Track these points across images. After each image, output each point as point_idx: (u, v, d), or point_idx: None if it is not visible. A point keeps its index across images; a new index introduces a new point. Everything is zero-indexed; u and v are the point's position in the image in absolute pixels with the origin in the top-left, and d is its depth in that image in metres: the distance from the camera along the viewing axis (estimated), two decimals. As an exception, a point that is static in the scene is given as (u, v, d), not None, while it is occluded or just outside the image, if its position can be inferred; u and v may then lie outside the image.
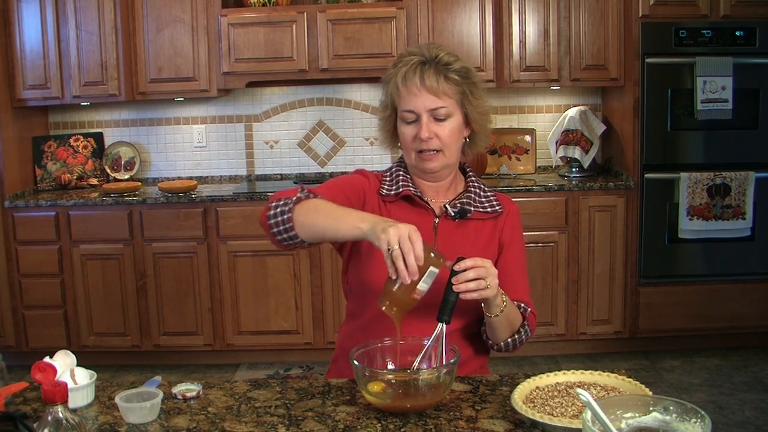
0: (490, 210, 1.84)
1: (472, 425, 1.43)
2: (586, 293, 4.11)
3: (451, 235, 1.79)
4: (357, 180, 1.86)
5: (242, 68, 4.14)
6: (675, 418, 1.14)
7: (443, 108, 1.75)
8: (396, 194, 1.81)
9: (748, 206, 4.00)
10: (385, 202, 1.83)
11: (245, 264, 4.07)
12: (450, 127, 1.77)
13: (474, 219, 1.82)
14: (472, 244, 1.79)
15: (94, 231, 4.07)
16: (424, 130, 1.74)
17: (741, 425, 3.26)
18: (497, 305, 1.64)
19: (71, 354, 1.65)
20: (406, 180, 1.84)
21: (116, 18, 4.11)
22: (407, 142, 1.79)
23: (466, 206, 1.81)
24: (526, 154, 4.51)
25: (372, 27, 4.08)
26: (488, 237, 1.82)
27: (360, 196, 1.82)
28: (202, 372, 4.13)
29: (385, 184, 1.85)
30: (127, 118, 4.62)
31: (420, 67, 1.75)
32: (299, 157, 4.64)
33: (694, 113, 3.94)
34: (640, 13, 3.95)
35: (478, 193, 1.86)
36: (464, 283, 1.52)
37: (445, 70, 1.76)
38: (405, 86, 1.75)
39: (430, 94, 1.74)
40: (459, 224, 1.81)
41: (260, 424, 1.47)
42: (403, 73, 1.76)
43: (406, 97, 1.75)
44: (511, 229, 1.87)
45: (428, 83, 1.73)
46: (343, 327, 1.92)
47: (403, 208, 1.82)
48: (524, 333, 1.78)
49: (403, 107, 1.77)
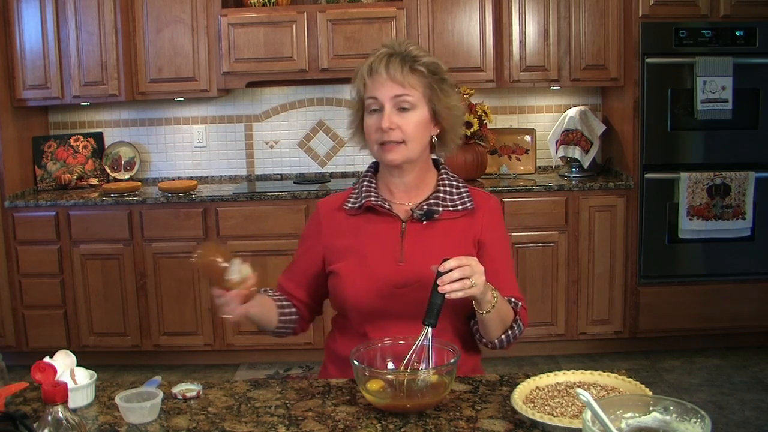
0: (461, 208, 1.81)
1: (472, 425, 1.43)
2: (586, 293, 4.11)
3: (420, 238, 1.78)
4: (306, 230, 1.92)
5: (242, 68, 4.14)
6: (675, 418, 1.14)
7: (407, 96, 1.73)
8: (359, 207, 1.81)
9: (748, 206, 4.00)
10: (350, 215, 1.83)
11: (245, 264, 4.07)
12: (414, 120, 1.75)
13: (444, 219, 1.79)
14: (443, 244, 1.76)
15: (94, 231, 4.07)
16: (386, 119, 1.73)
17: (741, 425, 3.26)
18: (488, 302, 1.61)
19: (71, 354, 1.65)
20: (370, 189, 1.83)
21: (116, 18, 4.11)
22: (370, 133, 1.78)
23: (433, 207, 1.79)
24: (526, 154, 4.51)
25: (372, 27, 4.08)
26: (460, 235, 1.79)
27: (315, 243, 1.86)
28: (202, 372, 4.13)
29: (352, 198, 1.85)
30: (127, 118, 4.62)
31: (387, 58, 1.75)
32: (299, 157, 4.64)
33: (694, 113, 3.94)
34: (640, 13, 3.95)
35: (449, 191, 1.83)
36: (449, 284, 1.51)
37: (413, 61, 1.75)
38: (370, 76, 1.75)
39: (395, 84, 1.73)
40: (428, 226, 1.79)
41: (260, 424, 1.47)
42: (369, 63, 1.76)
43: (371, 86, 1.75)
44: (491, 225, 1.83)
45: (392, 73, 1.73)
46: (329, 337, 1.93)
47: (368, 219, 1.81)
48: (517, 328, 1.76)
49: (367, 94, 1.76)
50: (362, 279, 1.76)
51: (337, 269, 1.80)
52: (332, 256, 1.83)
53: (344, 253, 1.80)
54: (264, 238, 4.03)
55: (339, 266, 1.80)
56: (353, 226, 1.82)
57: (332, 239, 1.84)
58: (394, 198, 1.84)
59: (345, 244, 1.81)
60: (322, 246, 1.85)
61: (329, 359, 1.90)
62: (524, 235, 4.04)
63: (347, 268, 1.78)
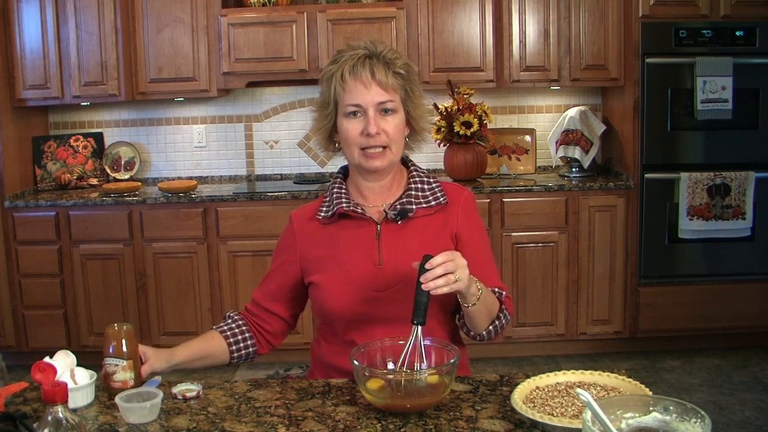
0: (435, 203, 1.79)
1: (472, 425, 1.43)
2: (586, 293, 4.11)
3: (397, 238, 1.76)
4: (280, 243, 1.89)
5: (242, 68, 4.14)
6: (675, 418, 1.14)
7: (390, 102, 1.72)
8: (332, 214, 1.79)
9: (748, 206, 3.99)
10: (324, 225, 1.81)
11: (245, 264, 4.07)
12: (395, 123, 1.74)
13: (418, 216, 1.78)
14: (420, 242, 1.75)
15: (94, 231, 4.07)
16: (372, 124, 1.70)
17: (741, 425, 3.26)
18: (472, 294, 1.61)
19: (71, 354, 1.65)
20: (341, 195, 1.81)
21: (116, 18, 4.11)
22: (352, 138, 1.74)
23: (406, 206, 1.78)
24: (526, 154, 4.51)
25: (372, 27, 4.08)
26: (436, 231, 1.78)
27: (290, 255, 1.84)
28: (202, 372, 4.12)
29: (324, 207, 1.83)
30: (127, 118, 4.62)
31: (368, 60, 1.71)
32: (299, 157, 4.64)
33: (694, 113, 3.94)
34: (640, 13, 3.95)
35: (420, 188, 1.81)
36: (433, 281, 1.49)
37: (392, 65, 1.73)
38: (354, 79, 1.70)
39: (380, 88, 1.70)
40: (403, 225, 1.78)
41: (260, 424, 1.47)
42: (350, 66, 1.71)
43: (354, 91, 1.70)
44: (466, 218, 1.82)
45: (378, 77, 1.70)
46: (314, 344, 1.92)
47: (343, 226, 1.79)
48: (504, 318, 1.76)
49: (349, 101, 1.71)
50: (343, 287, 1.74)
51: (316, 280, 1.78)
52: (310, 266, 1.81)
53: (322, 263, 1.79)
54: (264, 238, 4.03)
55: (318, 277, 1.78)
56: (328, 234, 1.80)
57: (308, 250, 1.81)
58: (366, 201, 1.82)
59: (322, 254, 1.79)
60: (299, 258, 1.82)
61: (315, 366, 1.89)
62: (524, 235, 4.04)
63: (327, 278, 1.76)
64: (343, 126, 1.75)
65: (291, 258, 1.84)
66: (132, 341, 1.63)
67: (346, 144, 1.77)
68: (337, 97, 1.74)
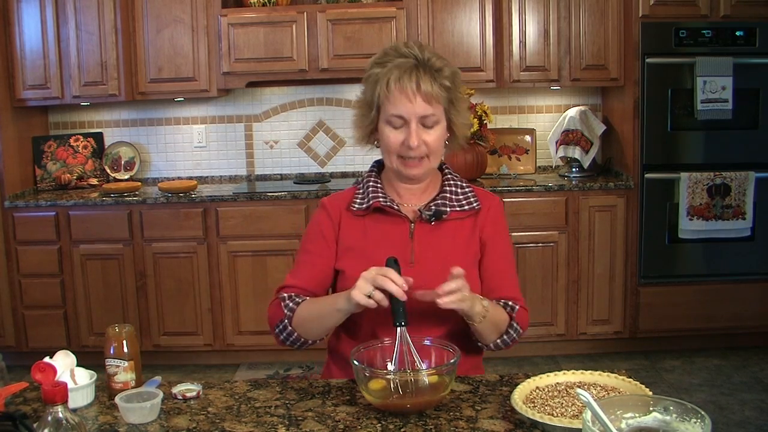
0: (468, 207, 1.80)
1: (472, 425, 1.43)
2: (586, 293, 4.11)
3: (429, 239, 1.77)
4: (317, 228, 1.84)
5: (242, 68, 4.14)
6: (675, 418, 1.14)
7: (433, 116, 1.71)
8: (367, 207, 1.79)
9: (748, 206, 4.00)
10: (357, 216, 1.81)
11: (245, 264, 4.07)
12: (437, 135, 1.74)
13: (451, 219, 1.79)
14: (451, 245, 1.77)
15: (94, 231, 4.07)
16: (414, 137, 1.70)
17: (741, 425, 3.26)
18: (477, 313, 1.62)
19: (71, 354, 1.66)
20: (376, 190, 1.81)
21: (116, 18, 4.11)
22: (392, 146, 1.74)
23: (441, 207, 1.78)
24: (526, 154, 4.51)
25: (372, 27, 4.08)
26: (468, 235, 1.80)
27: (329, 240, 1.81)
28: (202, 372, 4.13)
29: (358, 198, 1.83)
30: (127, 118, 4.62)
31: (415, 71, 1.69)
32: (299, 157, 4.64)
33: (694, 113, 3.94)
34: (640, 13, 3.95)
35: (454, 191, 1.82)
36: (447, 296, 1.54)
37: (438, 75, 1.70)
38: (399, 89, 1.69)
39: (424, 101, 1.69)
40: (436, 226, 1.78)
41: (260, 424, 1.47)
42: (396, 76, 1.69)
43: (398, 101, 1.69)
44: (493, 224, 1.82)
45: (424, 88, 1.68)
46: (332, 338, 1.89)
47: (377, 220, 1.80)
48: (513, 332, 1.76)
49: (393, 111, 1.70)
50: None
51: (346, 268, 1.78)
52: (343, 253, 1.81)
53: (352, 253, 1.79)
54: (264, 238, 4.03)
55: (348, 264, 1.78)
56: (361, 226, 1.80)
57: (344, 237, 1.81)
58: (401, 199, 1.83)
59: (353, 244, 1.80)
60: (337, 241, 1.82)
61: (332, 360, 1.88)
62: (524, 235, 4.04)
63: (357, 268, 1.73)
64: (384, 132, 1.75)
65: (330, 241, 1.82)
66: (133, 342, 1.64)
67: (385, 149, 1.77)
68: (380, 103, 1.73)
